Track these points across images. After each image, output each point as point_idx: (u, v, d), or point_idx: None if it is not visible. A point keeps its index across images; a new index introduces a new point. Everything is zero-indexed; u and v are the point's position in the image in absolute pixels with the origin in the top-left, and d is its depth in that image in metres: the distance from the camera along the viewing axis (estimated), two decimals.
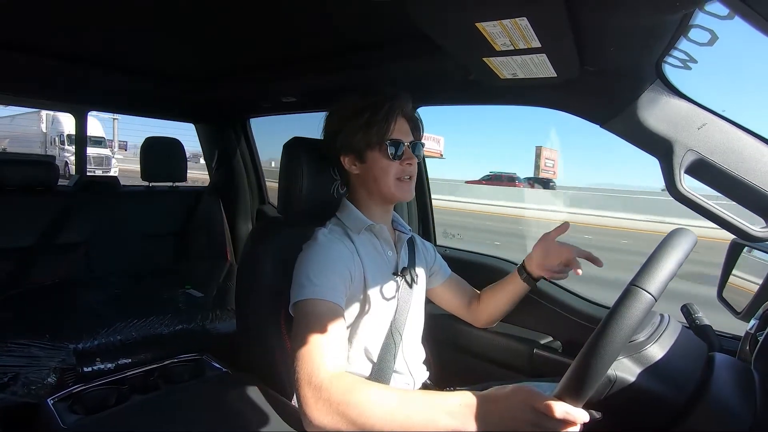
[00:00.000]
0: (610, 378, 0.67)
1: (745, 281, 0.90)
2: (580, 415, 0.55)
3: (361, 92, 0.95)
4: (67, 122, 14.04)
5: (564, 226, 1.00)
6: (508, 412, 0.59)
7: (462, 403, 0.63)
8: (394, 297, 0.94)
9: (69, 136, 13.73)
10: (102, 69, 1.52)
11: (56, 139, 14.98)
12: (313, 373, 0.70)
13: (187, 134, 2.61)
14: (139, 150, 2.16)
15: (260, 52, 1.30)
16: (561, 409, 0.55)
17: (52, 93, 1.95)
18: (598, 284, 1.93)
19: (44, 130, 15.84)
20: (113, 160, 15.02)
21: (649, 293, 0.52)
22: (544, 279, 1.25)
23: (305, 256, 0.86)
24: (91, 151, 12.01)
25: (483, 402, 0.62)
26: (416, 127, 0.98)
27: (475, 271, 1.17)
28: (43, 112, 15.36)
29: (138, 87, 1.70)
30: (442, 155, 19.58)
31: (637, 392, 0.67)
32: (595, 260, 0.95)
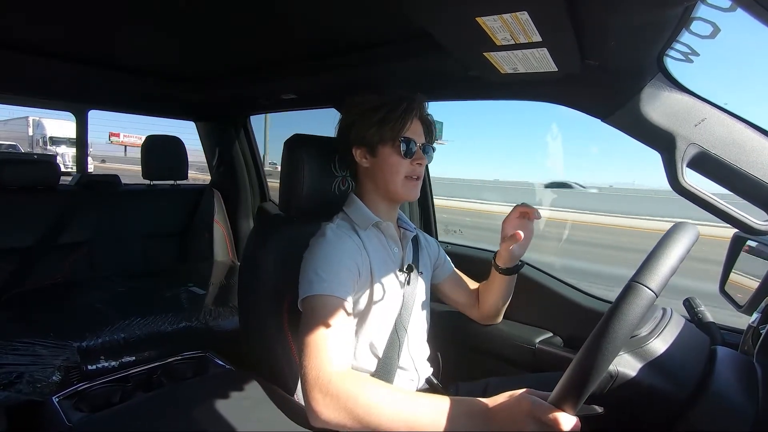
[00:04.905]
0: (612, 373, 0.67)
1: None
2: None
3: (380, 90, 0.95)
4: (49, 126, 17.33)
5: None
6: (511, 422, 0.60)
7: (467, 410, 0.64)
8: (399, 293, 0.95)
9: (51, 138, 16.99)
10: (102, 68, 1.51)
11: (40, 140, 17.80)
12: (320, 369, 0.70)
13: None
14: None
15: (261, 49, 1.29)
16: (568, 422, 0.55)
17: (52, 92, 1.95)
18: None
19: (30, 134, 18.85)
20: (89, 158, 17.15)
21: (650, 289, 0.52)
22: (546, 274, 1.25)
23: (313, 252, 0.86)
24: (70, 150, 13.81)
25: (487, 410, 0.64)
26: (429, 131, 0.98)
27: (478, 267, 1.17)
28: (30, 118, 19.02)
29: (138, 86, 1.70)
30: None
31: (638, 387, 0.67)
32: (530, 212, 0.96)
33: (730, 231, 0.89)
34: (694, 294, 0.94)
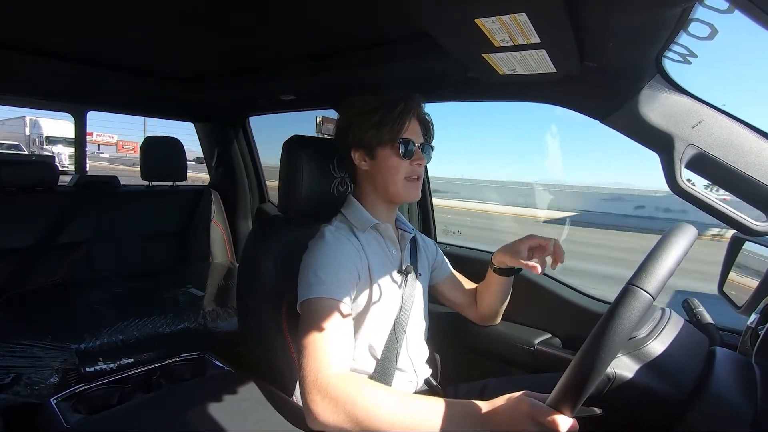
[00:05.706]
0: (609, 375, 0.67)
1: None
2: None
3: (377, 90, 0.95)
4: (46, 126, 17.62)
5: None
6: (510, 424, 0.60)
7: (466, 413, 0.65)
8: (398, 295, 0.95)
9: (47, 137, 17.33)
10: (101, 69, 1.51)
11: (36, 139, 18.09)
12: (319, 371, 0.70)
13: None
14: None
15: (260, 50, 1.29)
16: (566, 423, 0.55)
17: (51, 93, 1.95)
18: None
19: (27, 133, 19.16)
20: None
21: (648, 292, 0.52)
22: (545, 275, 1.25)
23: (313, 254, 0.86)
24: (66, 149, 13.84)
25: (486, 412, 0.64)
26: (427, 130, 0.98)
27: (476, 268, 1.17)
28: (27, 118, 19.26)
29: (138, 86, 1.69)
30: (116, 144, 28.55)
31: (636, 389, 0.67)
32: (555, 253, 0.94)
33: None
34: None
